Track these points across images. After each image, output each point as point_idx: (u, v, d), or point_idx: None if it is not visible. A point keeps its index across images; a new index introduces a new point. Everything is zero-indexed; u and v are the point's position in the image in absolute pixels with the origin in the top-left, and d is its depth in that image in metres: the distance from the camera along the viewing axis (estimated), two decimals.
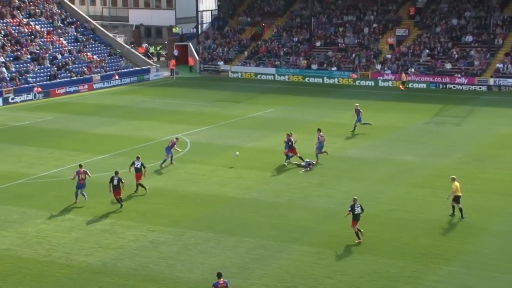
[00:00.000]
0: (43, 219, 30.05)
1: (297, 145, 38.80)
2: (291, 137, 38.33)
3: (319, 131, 39.48)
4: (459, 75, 66.02)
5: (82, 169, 32.30)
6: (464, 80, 65.43)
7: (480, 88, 64.59)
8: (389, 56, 70.70)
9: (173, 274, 24.62)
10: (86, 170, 32.41)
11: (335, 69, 70.96)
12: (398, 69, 68.44)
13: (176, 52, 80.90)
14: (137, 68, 73.44)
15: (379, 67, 69.59)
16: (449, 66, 67.48)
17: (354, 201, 27.59)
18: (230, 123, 50.07)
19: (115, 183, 31.35)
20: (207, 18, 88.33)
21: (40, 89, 61.29)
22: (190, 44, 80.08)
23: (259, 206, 31.91)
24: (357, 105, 46.78)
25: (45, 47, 68.72)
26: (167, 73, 75.26)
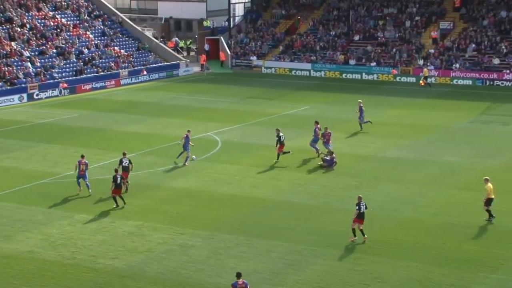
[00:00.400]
0: (68, 220, 30.41)
1: (333, 144, 39.61)
2: (280, 132, 39.04)
3: (316, 123, 40.44)
4: (508, 71, 65.23)
5: (83, 160, 33.86)
6: None
7: None
8: (432, 51, 70.09)
9: (202, 279, 24.71)
10: (87, 162, 34.01)
11: (374, 64, 70.61)
12: (441, 65, 67.85)
13: (207, 46, 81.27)
14: (166, 63, 73.88)
15: (421, 62, 69.04)
16: (497, 61, 66.67)
17: (359, 199, 27.95)
18: (262, 121, 50.12)
19: (118, 181, 31.85)
20: (239, 10, 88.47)
21: (66, 85, 61.92)
22: (221, 38, 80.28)
23: (293, 208, 31.89)
24: (360, 101, 46.97)
25: (71, 41, 69.49)
26: (197, 69, 75.62)
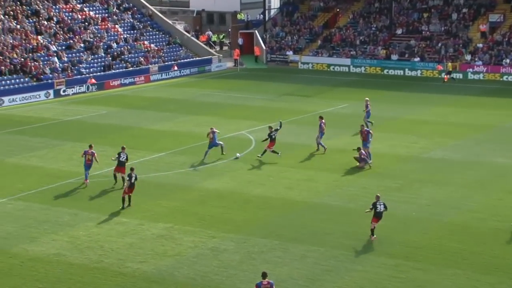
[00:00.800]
0: (95, 222, 30.67)
1: (372, 144, 39.41)
2: (272, 129, 39.53)
3: (321, 118, 41.02)
4: None
5: (90, 150, 34.90)
6: None
7: None
8: (481, 45, 69.41)
9: (234, 285, 24.75)
10: (94, 152, 34.67)
11: (418, 60, 70.16)
12: (491, 60, 67.11)
13: (240, 40, 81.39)
14: (198, 58, 74.20)
15: (469, 57, 68.43)
16: None
17: (376, 198, 28.18)
18: (299, 120, 50.07)
19: (133, 180, 31.93)
20: (275, 3, 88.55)
21: (94, 81, 62.37)
22: (256, 32, 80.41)
23: (330, 211, 31.81)
24: (367, 99, 46.91)
25: (99, 35, 70.10)
26: (230, 64, 75.82)
